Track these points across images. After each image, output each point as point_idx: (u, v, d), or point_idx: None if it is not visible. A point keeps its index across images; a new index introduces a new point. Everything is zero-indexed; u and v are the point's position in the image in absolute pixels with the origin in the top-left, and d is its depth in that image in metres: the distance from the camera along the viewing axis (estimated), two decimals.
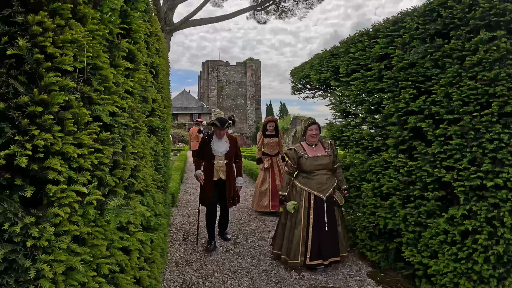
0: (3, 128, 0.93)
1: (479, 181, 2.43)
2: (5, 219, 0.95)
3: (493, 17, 2.25)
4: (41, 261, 0.97)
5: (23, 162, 0.91)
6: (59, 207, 1.01)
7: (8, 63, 0.97)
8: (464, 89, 2.44)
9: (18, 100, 0.93)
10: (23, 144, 0.92)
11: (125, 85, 1.66)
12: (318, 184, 3.35)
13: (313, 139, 3.37)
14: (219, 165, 4.10)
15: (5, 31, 0.98)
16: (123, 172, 1.64)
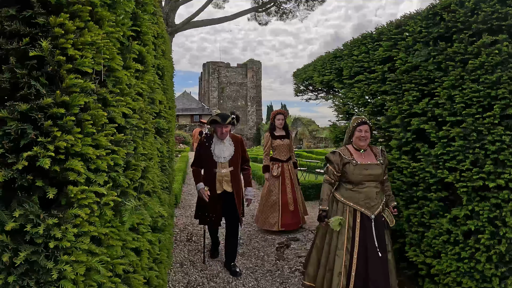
0: (25, 130, 0.95)
1: (481, 182, 2.46)
2: (26, 221, 0.96)
3: (495, 21, 2.30)
4: (63, 262, 0.98)
5: (46, 164, 0.93)
6: (79, 208, 1.02)
7: (30, 64, 0.98)
8: (466, 91, 2.48)
9: (41, 102, 0.95)
10: (45, 145, 0.94)
11: (136, 87, 1.70)
12: (366, 199, 2.72)
13: (362, 143, 2.77)
14: (222, 175, 3.31)
15: (27, 32, 0.99)
16: (134, 173, 1.68)
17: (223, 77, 42.50)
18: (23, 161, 0.93)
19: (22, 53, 0.98)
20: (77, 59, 1.04)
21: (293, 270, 3.57)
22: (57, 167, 0.97)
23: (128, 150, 1.50)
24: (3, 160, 0.95)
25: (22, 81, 0.97)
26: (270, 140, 4.77)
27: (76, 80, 1.01)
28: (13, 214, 0.95)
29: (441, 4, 2.60)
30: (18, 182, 0.96)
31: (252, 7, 13.95)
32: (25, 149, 0.96)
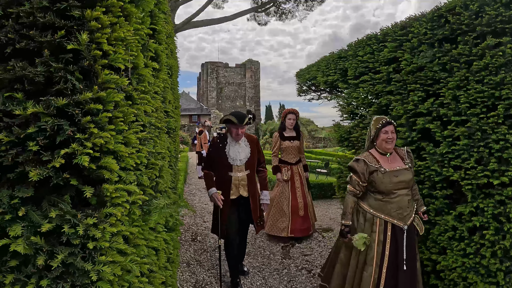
0: (61, 126, 0.92)
1: (485, 180, 2.53)
2: (62, 221, 0.93)
3: (499, 24, 2.36)
4: (101, 263, 0.96)
5: (85, 161, 0.91)
6: (113, 207, 1.00)
7: (65, 58, 0.95)
8: (471, 92, 2.54)
9: (79, 97, 0.93)
10: (83, 142, 0.92)
11: (155, 86, 1.74)
12: (398, 209, 2.49)
13: (389, 146, 2.51)
14: (238, 178, 3.06)
15: (62, 24, 0.96)
16: (153, 172, 1.71)
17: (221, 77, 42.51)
18: (59, 158, 0.90)
19: (56, 46, 0.95)
20: (111, 54, 1.02)
21: (299, 268, 3.61)
22: (93, 165, 0.95)
23: (149, 148, 1.54)
24: (37, 157, 0.93)
25: (58, 75, 0.94)
26: (279, 141, 4.49)
27: (112, 76, 0.99)
28: (48, 214, 0.92)
29: (446, 6, 2.66)
30: (54, 181, 0.93)
31: (252, 7, 14.00)
32: (60, 146, 0.93)
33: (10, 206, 0.92)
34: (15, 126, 0.93)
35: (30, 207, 0.93)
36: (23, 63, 0.93)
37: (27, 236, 0.89)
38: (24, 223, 0.91)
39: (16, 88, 0.94)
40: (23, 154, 0.92)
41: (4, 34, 0.95)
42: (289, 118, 4.48)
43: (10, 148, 0.92)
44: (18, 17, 0.97)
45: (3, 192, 0.92)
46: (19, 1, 0.99)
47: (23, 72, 0.92)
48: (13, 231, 0.88)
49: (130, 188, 1.09)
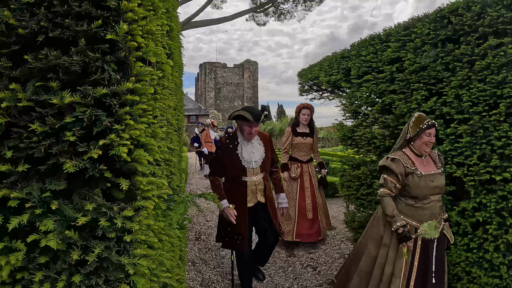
0: (99, 116, 0.89)
1: (488, 176, 2.60)
2: (98, 215, 0.90)
3: (500, 24, 2.43)
4: (136, 256, 0.93)
5: (124, 152, 0.88)
6: (144, 200, 0.97)
7: (101, 49, 0.93)
8: (473, 91, 2.61)
9: (117, 87, 0.91)
10: (120, 133, 0.90)
11: (171, 83, 1.78)
12: (430, 215, 2.33)
13: (428, 149, 2.38)
14: (255, 183, 2.68)
15: (99, 14, 0.94)
16: (169, 168, 1.75)
17: (219, 77, 42.54)
18: (97, 149, 0.88)
19: (92, 36, 0.93)
20: (143, 47, 1.01)
21: (304, 266, 3.65)
22: (128, 157, 0.92)
23: (168, 144, 1.57)
24: (72, 149, 0.91)
25: (94, 65, 0.92)
26: (290, 136, 4.16)
27: (146, 68, 0.99)
28: (84, 207, 0.90)
29: (448, 7, 2.73)
30: (90, 173, 0.91)
31: (251, 7, 14.05)
32: (96, 137, 0.91)
33: (40, 200, 0.89)
34: (49, 116, 0.92)
35: (62, 201, 0.90)
36: (58, 53, 0.91)
37: (60, 231, 0.87)
38: (56, 217, 0.88)
39: (50, 78, 0.91)
40: (56, 145, 0.89)
41: (35, 22, 0.92)
42: (303, 114, 4.14)
43: (43, 139, 0.89)
44: (50, 6, 0.95)
45: (34, 186, 0.89)
46: None
47: (58, 61, 0.90)
48: (44, 225, 0.85)
49: (159, 182, 1.10)
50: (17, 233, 0.91)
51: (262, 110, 2.62)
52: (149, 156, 1.02)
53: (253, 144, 2.71)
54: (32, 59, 0.93)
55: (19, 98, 0.88)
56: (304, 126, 4.23)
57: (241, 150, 2.66)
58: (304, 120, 4.17)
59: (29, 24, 0.90)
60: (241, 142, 2.70)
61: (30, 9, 0.94)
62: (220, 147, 2.74)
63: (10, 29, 0.90)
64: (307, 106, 4.19)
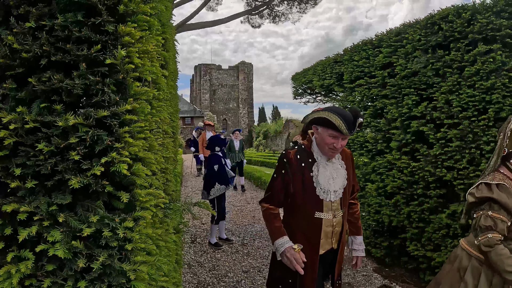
0: (100, 136, 0.96)
1: (477, 179, 2.66)
2: (101, 226, 0.97)
3: (490, 31, 2.51)
4: (137, 263, 1.01)
5: (124, 169, 0.96)
6: (142, 210, 1.04)
7: (101, 72, 0.99)
8: (463, 96, 2.68)
9: (117, 108, 0.98)
10: (119, 151, 0.97)
11: (166, 93, 1.81)
12: None
13: None
14: (332, 223, 1.80)
15: (98, 39, 0.99)
16: (164, 176, 1.79)
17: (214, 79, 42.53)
18: (99, 166, 0.95)
19: (92, 60, 0.99)
20: (139, 67, 1.07)
21: None
22: (128, 172, 1.00)
23: (163, 153, 1.61)
24: (76, 166, 0.97)
25: (95, 88, 0.98)
26: None
27: (143, 88, 1.06)
28: (89, 219, 0.97)
29: (439, 14, 2.80)
30: (94, 188, 0.98)
31: (246, 10, 14.10)
32: (99, 155, 0.98)
33: (48, 213, 0.96)
34: (54, 136, 0.98)
35: (67, 213, 0.97)
36: (60, 76, 0.98)
37: (66, 241, 0.94)
38: (62, 228, 0.95)
39: (53, 100, 0.99)
40: (61, 163, 0.96)
41: (38, 46, 0.98)
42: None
43: (49, 157, 0.96)
44: (51, 30, 1.00)
45: (41, 200, 0.96)
46: (52, 14, 1.03)
47: (61, 84, 0.97)
48: (52, 236, 0.92)
49: (156, 192, 1.16)
50: (24, 243, 0.97)
51: (355, 116, 1.64)
52: (146, 169, 1.07)
53: (334, 164, 1.82)
54: (36, 81, 0.98)
55: (25, 119, 0.92)
56: None
57: (317, 173, 1.78)
58: None
59: (32, 48, 0.95)
60: (319, 161, 1.80)
61: (33, 32, 0.98)
62: (285, 164, 1.81)
63: (14, 52, 0.95)
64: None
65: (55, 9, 1.05)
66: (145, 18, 1.09)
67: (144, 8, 1.07)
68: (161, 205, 1.28)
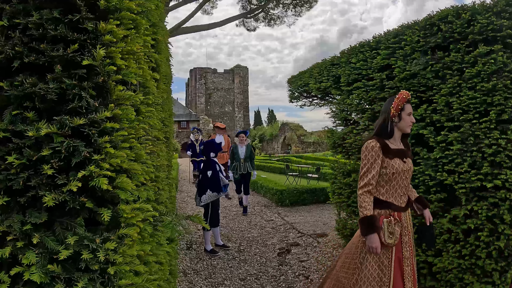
0: (77, 147, 0.86)
1: (479, 183, 2.61)
2: (80, 247, 0.88)
3: (490, 32, 2.45)
4: (121, 286, 0.92)
5: (104, 184, 0.86)
6: (127, 227, 0.96)
7: (78, 74, 0.89)
8: (464, 98, 2.62)
9: (96, 115, 0.88)
10: (99, 163, 0.87)
11: (157, 97, 1.72)
12: None
13: None
14: None
15: (75, 38, 0.89)
16: (156, 185, 1.69)
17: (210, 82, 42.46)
18: (76, 181, 0.85)
19: (69, 61, 0.90)
20: (123, 69, 0.98)
21: (297, 274, 3.61)
22: (110, 186, 0.90)
23: (154, 162, 1.52)
24: (51, 181, 0.88)
25: (71, 93, 0.88)
26: (380, 158, 2.03)
27: (126, 92, 0.96)
28: (65, 240, 0.87)
29: (438, 15, 2.74)
30: (70, 205, 0.88)
31: (241, 13, 14.06)
32: (76, 168, 0.88)
33: (22, 233, 0.86)
34: (26, 147, 0.88)
35: (43, 233, 0.88)
36: (33, 79, 0.88)
37: (42, 264, 0.84)
38: (38, 249, 0.86)
39: (26, 106, 0.89)
40: (35, 177, 0.86)
41: (11, 46, 0.88)
42: (409, 113, 2.11)
43: (21, 171, 0.87)
44: (26, 29, 0.91)
45: (15, 218, 0.87)
46: (27, 12, 0.94)
47: (34, 89, 0.87)
48: (27, 258, 0.82)
49: (144, 206, 1.06)
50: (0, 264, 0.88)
51: None
52: (132, 183, 0.97)
53: None
54: (8, 86, 0.89)
55: None
56: (397, 135, 2.16)
57: None
58: (407, 126, 2.12)
59: (4, 48, 0.85)
60: None
61: (6, 32, 0.89)
62: None
63: None
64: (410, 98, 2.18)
65: (31, 7, 0.96)
66: (130, 15, 1.00)
67: (129, 5, 0.98)
68: (150, 219, 1.18)
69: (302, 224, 5.65)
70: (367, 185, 2.04)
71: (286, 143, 27.59)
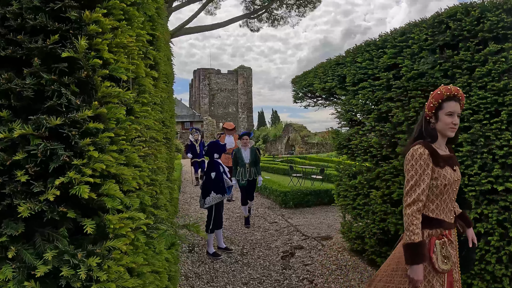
0: (55, 150, 0.77)
1: (489, 186, 2.51)
2: (61, 263, 0.79)
3: (501, 30, 2.35)
4: None
5: (84, 192, 0.77)
6: (117, 239, 0.88)
7: (59, 68, 0.81)
8: (474, 98, 2.52)
9: (76, 115, 0.79)
10: (81, 169, 0.78)
11: (154, 96, 1.65)
12: None
13: None
14: None
15: (56, 28, 0.80)
16: (153, 189, 1.61)
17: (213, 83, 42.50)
18: (53, 189, 0.76)
19: (49, 53, 0.81)
20: (112, 63, 0.89)
21: (301, 279, 3.52)
22: (93, 194, 0.81)
23: (150, 165, 1.45)
24: (27, 189, 0.79)
25: (50, 89, 0.79)
26: (430, 167, 1.73)
27: (114, 88, 0.86)
28: (43, 255, 0.78)
29: (446, 12, 2.65)
30: (48, 216, 0.80)
31: (244, 13, 14.01)
32: (54, 174, 0.79)
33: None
34: (0, 151, 0.80)
35: (20, 245, 0.79)
36: (9, 74, 0.79)
37: (19, 280, 0.75)
38: (15, 264, 0.77)
39: (1, 104, 0.79)
40: (10, 184, 0.77)
41: None
42: (449, 112, 1.76)
43: None
44: (3, 19, 0.83)
45: None
46: (6, 1, 0.84)
47: (9, 85, 0.78)
48: (3, 274, 0.74)
49: (136, 215, 0.98)
50: None
51: None
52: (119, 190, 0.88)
53: None
54: None
55: None
56: (443, 140, 1.84)
57: None
58: (451, 129, 1.78)
59: None
60: None
61: None
62: None
63: None
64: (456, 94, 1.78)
65: None
66: (120, 5, 0.92)
67: None
68: (144, 228, 1.10)
69: (306, 226, 5.56)
70: (416, 202, 1.68)
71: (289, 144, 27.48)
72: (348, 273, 3.57)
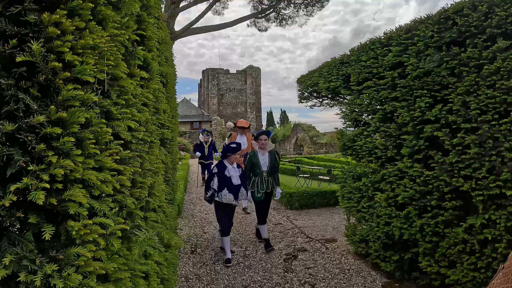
0: (12, 155, 0.77)
1: (498, 190, 2.39)
2: (20, 268, 0.79)
3: (509, 25, 2.23)
4: None
5: (40, 199, 0.77)
6: (82, 245, 0.86)
7: (17, 73, 0.80)
8: (482, 97, 2.40)
9: (31, 120, 0.78)
10: (38, 174, 0.78)
11: (142, 97, 1.61)
12: None
13: None
14: None
15: (14, 32, 0.80)
16: (141, 192, 1.57)
17: (222, 83, 42.60)
18: (10, 195, 0.76)
19: (8, 58, 0.81)
20: (76, 65, 0.88)
21: (302, 283, 3.45)
22: (54, 200, 0.80)
23: (134, 167, 1.40)
24: None
25: (8, 94, 0.79)
26: None
27: (75, 91, 0.85)
28: (2, 260, 0.78)
29: (453, 8, 2.53)
30: (7, 222, 0.79)
31: (252, 13, 13.96)
32: (13, 179, 0.78)
33: None
34: None
35: None
36: None
37: None
38: None
39: None
40: None
41: None
42: None
43: None
44: None
45: None
46: None
47: None
48: None
49: (104, 221, 0.94)
50: None
51: None
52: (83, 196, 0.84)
53: None
54: None
55: None
56: None
57: None
58: None
59: None
60: None
61: None
62: None
63: None
64: None
65: None
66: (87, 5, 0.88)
67: None
68: (118, 233, 1.06)
69: (311, 228, 5.47)
70: None
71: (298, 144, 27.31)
72: (351, 278, 3.47)
